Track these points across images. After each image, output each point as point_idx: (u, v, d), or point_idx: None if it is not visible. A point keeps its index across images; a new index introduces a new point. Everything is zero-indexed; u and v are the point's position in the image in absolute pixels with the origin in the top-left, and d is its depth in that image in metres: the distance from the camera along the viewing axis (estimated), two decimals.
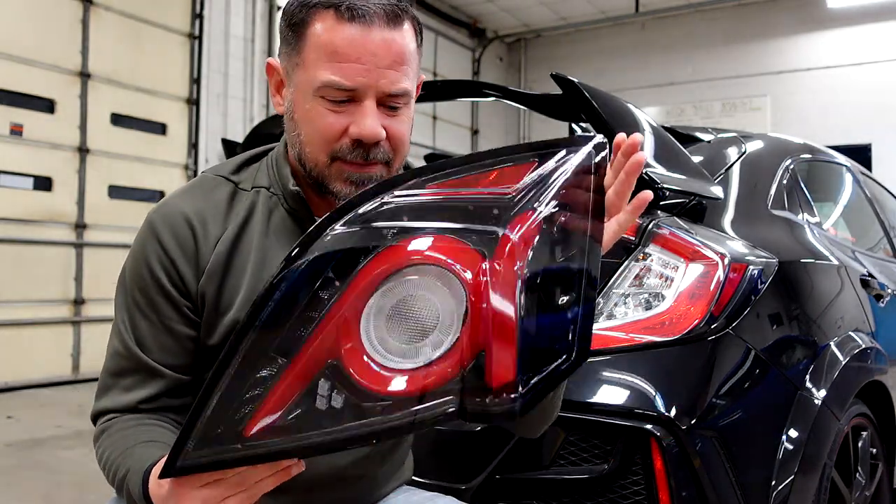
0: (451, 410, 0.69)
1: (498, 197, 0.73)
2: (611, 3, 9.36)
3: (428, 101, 2.06)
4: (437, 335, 0.70)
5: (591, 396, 1.37)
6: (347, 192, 0.93)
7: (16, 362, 5.14)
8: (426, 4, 9.12)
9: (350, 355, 0.68)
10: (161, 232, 0.96)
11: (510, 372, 0.68)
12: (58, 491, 3.02)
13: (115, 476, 0.89)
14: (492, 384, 0.68)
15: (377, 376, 0.68)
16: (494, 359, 0.68)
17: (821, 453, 1.53)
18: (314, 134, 0.93)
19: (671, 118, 9.37)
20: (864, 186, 2.74)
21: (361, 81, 0.90)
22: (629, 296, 1.45)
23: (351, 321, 0.69)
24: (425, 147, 8.57)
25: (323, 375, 0.68)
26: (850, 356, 1.71)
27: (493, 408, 0.68)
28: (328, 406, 0.67)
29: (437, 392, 0.69)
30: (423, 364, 0.69)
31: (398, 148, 0.96)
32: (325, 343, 0.68)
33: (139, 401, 0.95)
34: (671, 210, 1.59)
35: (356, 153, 0.92)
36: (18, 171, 5.19)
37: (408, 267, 0.69)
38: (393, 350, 0.69)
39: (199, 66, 6.39)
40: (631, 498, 1.33)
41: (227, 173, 1.03)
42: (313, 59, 0.91)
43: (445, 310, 0.70)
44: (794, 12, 8.98)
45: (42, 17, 5.30)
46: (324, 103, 0.92)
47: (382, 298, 0.70)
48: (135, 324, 0.96)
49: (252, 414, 0.66)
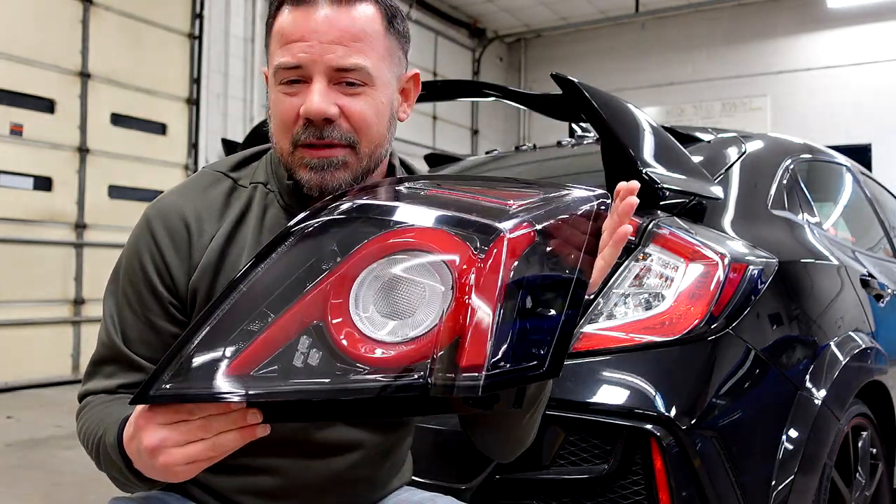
0: (418, 382, 0.72)
1: (500, 206, 0.78)
2: (611, 3, 9.36)
3: (428, 101, 2.06)
4: (418, 316, 0.73)
5: (591, 396, 1.37)
6: (309, 178, 0.94)
7: (16, 362, 5.14)
8: (426, 4, 9.12)
9: (335, 319, 0.72)
10: (156, 228, 0.97)
11: (480, 356, 0.72)
12: (58, 491, 3.02)
13: (94, 439, 0.89)
14: (461, 363, 0.72)
15: (356, 343, 0.72)
16: (468, 343, 0.72)
17: (821, 453, 1.53)
18: (276, 122, 0.96)
19: (671, 118, 9.37)
20: (864, 186, 2.74)
21: (303, 58, 0.91)
22: (629, 296, 1.45)
23: (343, 289, 0.72)
24: (425, 147, 8.57)
25: (306, 333, 0.71)
26: (850, 356, 1.71)
27: (458, 381, 0.71)
28: (304, 363, 0.70)
29: (410, 367, 0.72)
30: (400, 340, 0.73)
31: (361, 128, 0.94)
32: (314, 304, 0.71)
33: (118, 385, 0.97)
34: (671, 210, 1.59)
35: (308, 132, 0.93)
36: (18, 171, 5.19)
37: (404, 250, 0.74)
38: (375, 322, 0.73)
39: (199, 66, 6.39)
40: (631, 498, 1.33)
41: (226, 169, 1.04)
42: (273, 49, 0.95)
43: (431, 294, 0.73)
44: (794, 12, 8.98)
45: (42, 17, 5.30)
46: (281, 88, 0.94)
47: (375, 273, 0.73)
48: (121, 316, 0.98)
49: (231, 360, 0.69)
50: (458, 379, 0.71)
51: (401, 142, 8.62)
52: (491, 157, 2.73)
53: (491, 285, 0.72)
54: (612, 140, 1.53)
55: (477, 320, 0.72)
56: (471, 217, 0.75)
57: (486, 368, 0.71)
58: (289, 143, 0.95)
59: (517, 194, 0.81)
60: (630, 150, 1.51)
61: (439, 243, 0.73)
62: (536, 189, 0.81)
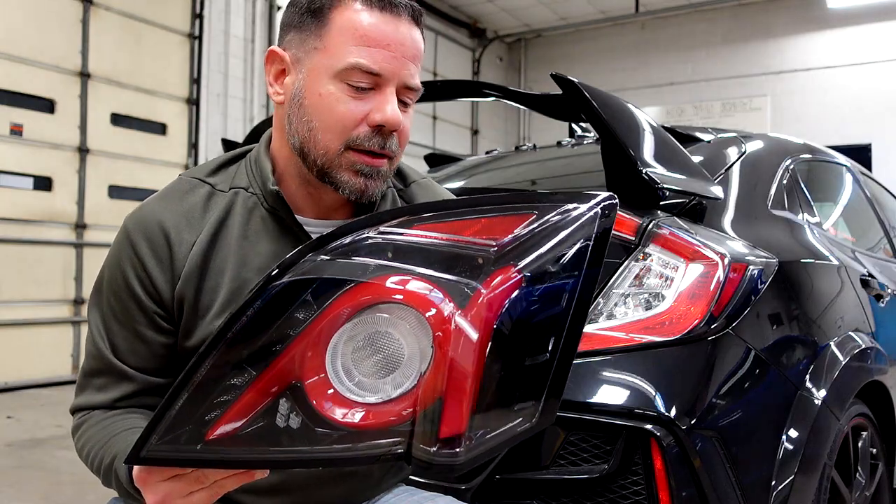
0: (398, 452, 0.70)
1: (482, 248, 0.72)
2: (611, 3, 9.36)
3: (428, 101, 2.06)
4: (399, 375, 0.70)
5: (591, 396, 1.37)
6: (354, 182, 0.94)
7: (16, 362, 5.14)
8: (426, 4, 9.12)
9: (312, 381, 0.69)
10: (135, 239, 0.97)
11: (461, 425, 0.69)
12: (57, 491, 3.02)
13: (101, 463, 0.90)
14: (440, 433, 0.69)
15: (334, 406, 0.69)
16: (448, 409, 0.69)
17: (821, 453, 1.53)
18: (331, 120, 0.92)
19: (671, 118, 9.37)
20: (864, 186, 2.74)
21: (388, 68, 0.91)
22: (629, 296, 1.45)
23: (319, 348, 0.70)
24: (425, 147, 8.56)
25: (284, 395, 0.69)
26: (850, 356, 1.71)
27: (436, 458, 0.69)
28: (286, 425, 0.69)
29: (390, 431, 0.70)
30: (380, 401, 0.70)
31: (403, 144, 0.97)
32: (291, 364, 0.69)
33: (113, 399, 0.97)
34: (671, 210, 1.59)
35: (374, 141, 0.93)
36: (18, 171, 5.19)
37: (381, 304, 0.70)
38: (355, 382, 0.70)
39: (199, 66, 6.39)
40: (631, 498, 1.33)
41: (203, 176, 1.03)
42: (338, 42, 0.91)
43: (411, 352, 0.70)
44: (794, 12, 8.98)
45: (42, 17, 5.30)
46: (346, 89, 0.91)
47: (352, 330, 0.70)
48: (108, 327, 0.98)
49: (216, 419, 0.68)
50: (437, 454, 0.69)
51: None
52: (491, 157, 2.73)
53: (472, 342, 0.69)
54: (612, 140, 1.53)
55: (456, 383, 0.68)
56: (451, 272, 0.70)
57: (466, 440, 0.69)
58: (341, 143, 0.92)
59: (507, 222, 0.73)
60: (630, 150, 1.51)
61: (419, 300, 0.70)
62: (530, 208, 0.74)
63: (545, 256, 0.72)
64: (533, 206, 0.74)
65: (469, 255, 0.71)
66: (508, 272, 0.71)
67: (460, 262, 0.71)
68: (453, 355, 0.69)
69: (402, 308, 0.70)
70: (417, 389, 0.70)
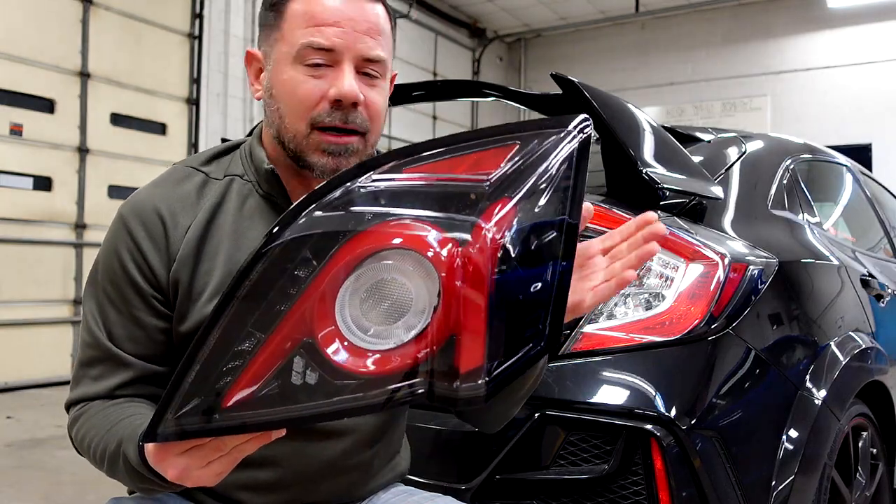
0: (419, 392, 0.71)
1: (475, 183, 0.74)
2: (611, 3, 9.36)
3: (428, 101, 2.06)
4: (409, 318, 0.71)
5: (591, 396, 1.37)
6: (324, 163, 0.96)
7: (16, 362, 5.14)
8: (426, 4, 9.12)
9: (324, 334, 0.70)
10: (131, 224, 0.98)
11: (478, 358, 0.70)
12: (58, 491, 3.02)
13: (106, 451, 0.89)
14: (460, 369, 0.70)
15: (350, 356, 0.70)
16: (464, 344, 0.70)
17: (821, 453, 1.53)
18: (293, 102, 0.96)
19: (671, 118, 9.38)
20: (864, 186, 2.74)
21: (338, 42, 0.94)
22: (629, 296, 1.44)
23: (327, 301, 0.70)
24: None
25: (298, 353, 0.69)
26: (851, 356, 1.71)
27: (459, 392, 0.70)
28: (303, 382, 0.69)
29: (407, 373, 0.71)
30: (394, 346, 0.71)
31: (374, 119, 0.98)
32: (301, 321, 0.69)
33: (111, 388, 0.96)
34: (671, 210, 1.59)
35: (334, 116, 0.94)
36: (18, 171, 5.19)
37: (384, 251, 0.71)
38: (366, 331, 0.71)
39: (199, 66, 6.39)
40: (631, 498, 1.33)
41: (197, 164, 1.05)
42: (293, 27, 0.95)
43: (419, 294, 0.71)
44: (794, 12, 8.98)
45: (42, 17, 5.30)
46: (303, 69, 0.95)
47: (358, 280, 0.71)
48: (105, 315, 0.98)
49: (230, 386, 0.68)
50: (459, 389, 0.70)
51: (401, 141, 8.63)
52: None
53: (479, 277, 0.70)
54: (612, 140, 1.53)
55: (469, 318, 0.70)
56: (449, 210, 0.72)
57: (486, 371, 0.71)
58: (306, 124, 0.95)
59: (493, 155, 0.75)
60: (630, 150, 1.51)
61: (419, 241, 0.71)
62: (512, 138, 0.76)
63: (535, 183, 0.74)
64: (515, 137, 0.76)
65: (464, 191, 0.73)
66: (504, 204, 0.73)
67: (456, 199, 0.73)
68: (462, 291, 0.70)
69: (405, 252, 0.71)
70: (430, 329, 0.71)
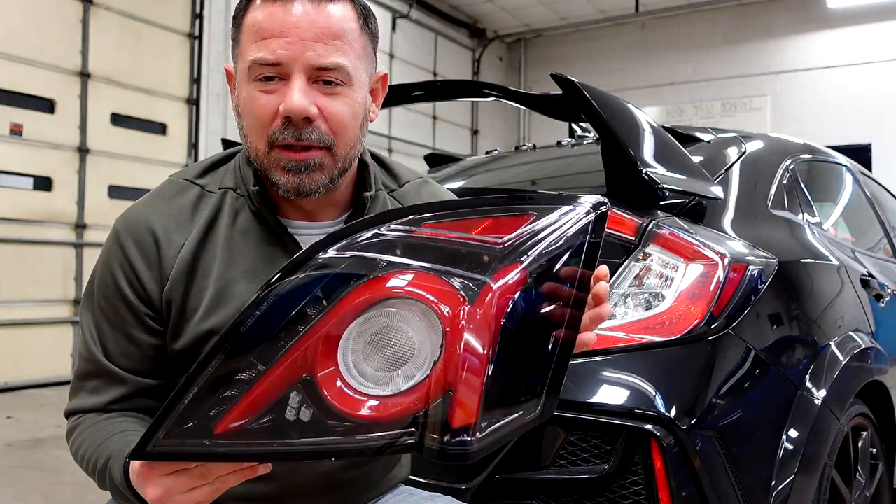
0: (408, 442, 0.72)
1: (489, 245, 0.75)
2: (611, 3, 9.36)
3: (428, 101, 2.06)
4: (409, 368, 0.72)
5: (591, 396, 1.37)
6: (286, 180, 0.92)
7: (16, 362, 5.14)
8: (426, 4, 9.12)
9: (324, 373, 0.71)
10: (125, 241, 0.97)
11: (471, 415, 0.71)
12: (58, 491, 3.02)
13: (96, 466, 0.90)
14: (452, 424, 0.71)
15: (346, 398, 0.71)
16: (458, 400, 0.71)
17: (821, 453, 1.53)
18: (251, 120, 0.92)
19: (671, 118, 9.38)
20: (864, 186, 2.74)
21: (283, 55, 0.88)
22: (629, 296, 1.45)
23: (331, 341, 0.71)
24: (425, 147, 8.57)
25: (296, 389, 0.70)
26: (850, 356, 1.71)
27: (448, 447, 0.71)
28: (296, 418, 0.70)
29: (400, 422, 0.72)
30: (391, 394, 0.72)
31: (338, 131, 0.92)
32: (303, 358, 0.70)
33: (106, 402, 0.97)
34: (671, 210, 1.59)
35: (287, 133, 0.90)
36: (18, 171, 5.19)
37: (393, 298, 0.72)
38: (366, 375, 0.72)
39: (199, 66, 6.39)
40: (631, 498, 1.33)
41: (192, 177, 1.03)
42: (246, 44, 0.92)
43: (421, 346, 0.72)
44: (794, 12, 8.98)
45: (42, 17, 5.30)
46: (256, 85, 0.91)
47: (364, 324, 0.72)
48: (99, 330, 0.98)
49: (224, 413, 0.69)
50: (448, 444, 0.71)
51: (401, 142, 8.63)
52: (491, 157, 2.73)
53: (482, 336, 0.71)
54: (612, 140, 1.53)
55: (467, 375, 0.71)
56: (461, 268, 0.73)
57: (477, 430, 0.71)
58: (264, 143, 0.92)
59: (510, 222, 0.77)
60: (630, 150, 1.51)
61: (428, 294, 0.72)
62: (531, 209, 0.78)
63: (547, 255, 0.76)
64: (534, 207, 0.78)
65: (476, 252, 0.74)
66: (515, 268, 0.74)
67: (468, 258, 0.74)
68: (464, 348, 0.71)
69: (413, 303, 0.72)
70: (428, 382, 0.71)
